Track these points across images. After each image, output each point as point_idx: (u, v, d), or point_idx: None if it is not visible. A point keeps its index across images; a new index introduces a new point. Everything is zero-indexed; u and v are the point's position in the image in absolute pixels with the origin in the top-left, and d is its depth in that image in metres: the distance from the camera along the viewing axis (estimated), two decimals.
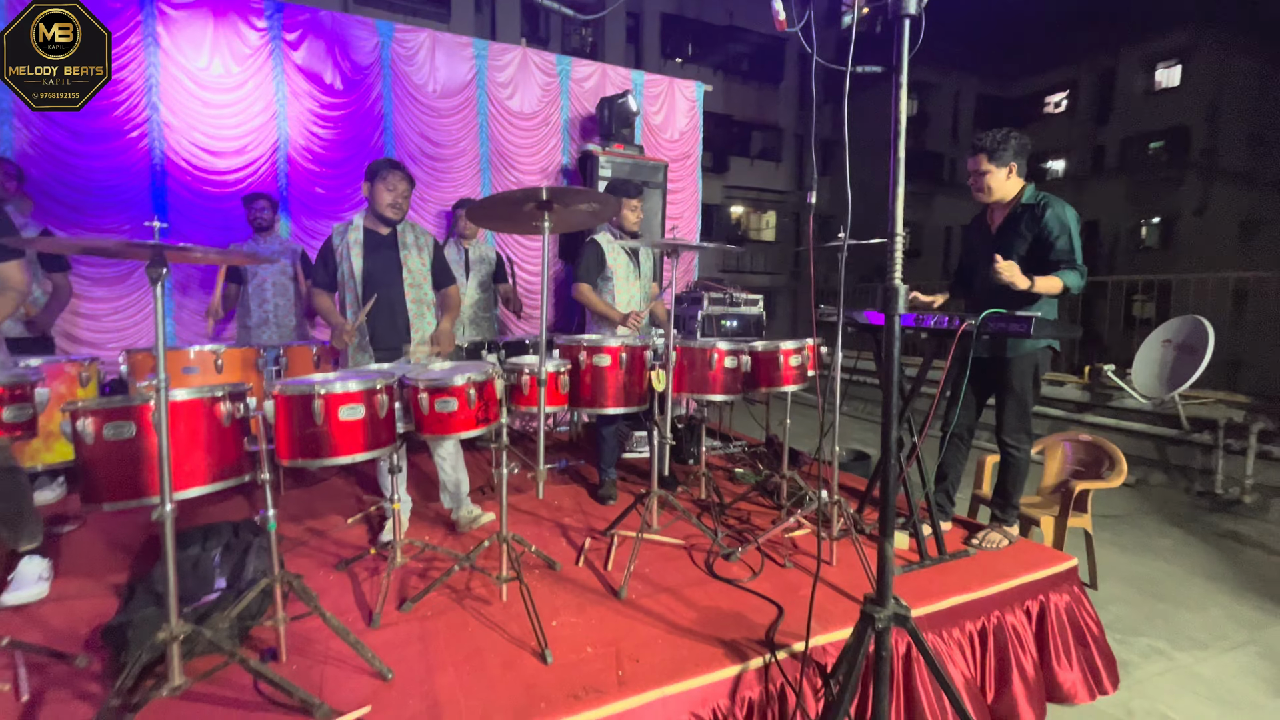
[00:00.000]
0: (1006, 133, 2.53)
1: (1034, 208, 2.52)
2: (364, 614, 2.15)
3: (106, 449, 1.56)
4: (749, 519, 3.08)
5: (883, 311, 1.61)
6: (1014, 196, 2.59)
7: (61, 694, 1.71)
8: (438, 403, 1.94)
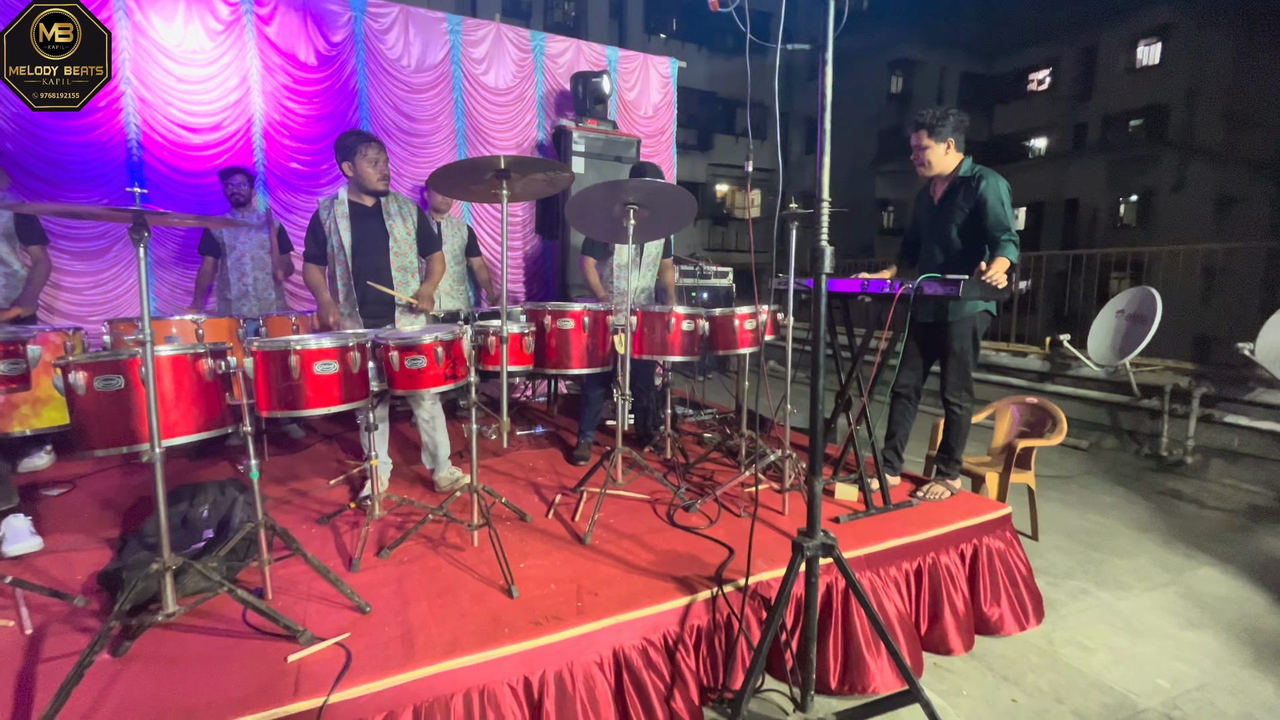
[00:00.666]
0: (945, 110, 2.69)
1: (970, 180, 2.70)
2: (344, 560, 2.31)
3: (97, 400, 1.68)
4: (712, 477, 3.26)
5: (810, 273, 1.76)
6: (953, 170, 2.76)
7: (62, 629, 1.86)
8: (407, 360, 2.08)
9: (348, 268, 2.82)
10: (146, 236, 1.56)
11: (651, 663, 1.93)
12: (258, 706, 1.50)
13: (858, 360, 2.84)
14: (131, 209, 1.50)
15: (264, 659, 1.70)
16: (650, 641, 1.95)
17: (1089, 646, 2.53)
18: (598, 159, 4.71)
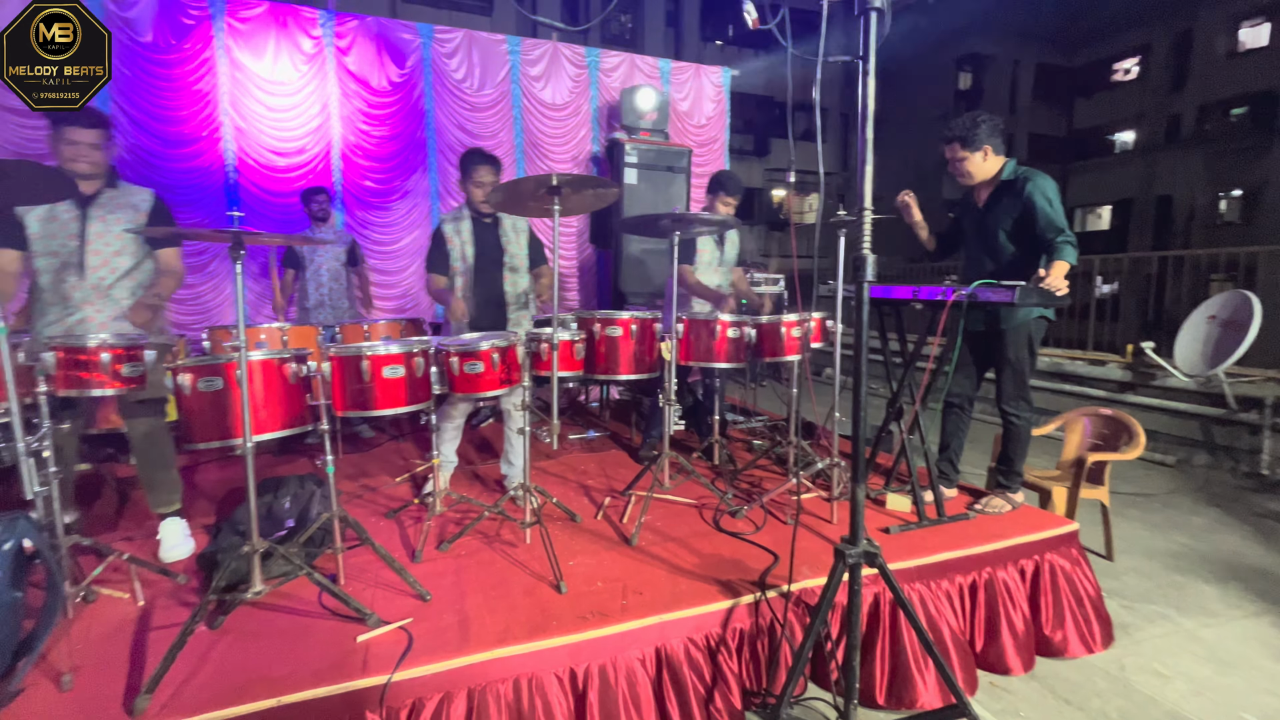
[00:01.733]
0: (974, 118, 2.64)
1: (1014, 183, 2.62)
2: (408, 552, 2.47)
3: (200, 399, 1.90)
4: (760, 484, 3.27)
5: (852, 280, 1.77)
6: (995, 174, 2.70)
7: (168, 602, 2.10)
8: (466, 365, 2.22)
9: (468, 279, 2.95)
10: (243, 254, 1.76)
11: (693, 662, 1.97)
12: (330, 680, 1.65)
13: (909, 367, 2.79)
14: (232, 230, 1.70)
15: (336, 638, 1.86)
16: (693, 642, 1.99)
17: (1165, 674, 2.38)
18: (650, 170, 4.81)
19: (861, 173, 1.74)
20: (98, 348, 1.92)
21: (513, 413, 2.99)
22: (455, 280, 2.98)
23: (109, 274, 2.37)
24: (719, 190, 3.42)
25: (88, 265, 2.33)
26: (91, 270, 2.33)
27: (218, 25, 4.30)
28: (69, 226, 2.31)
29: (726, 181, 3.42)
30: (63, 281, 2.32)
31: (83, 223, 2.32)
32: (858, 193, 1.75)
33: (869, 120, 1.72)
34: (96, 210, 2.35)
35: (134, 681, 1.67)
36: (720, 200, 3.41)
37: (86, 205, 2.34)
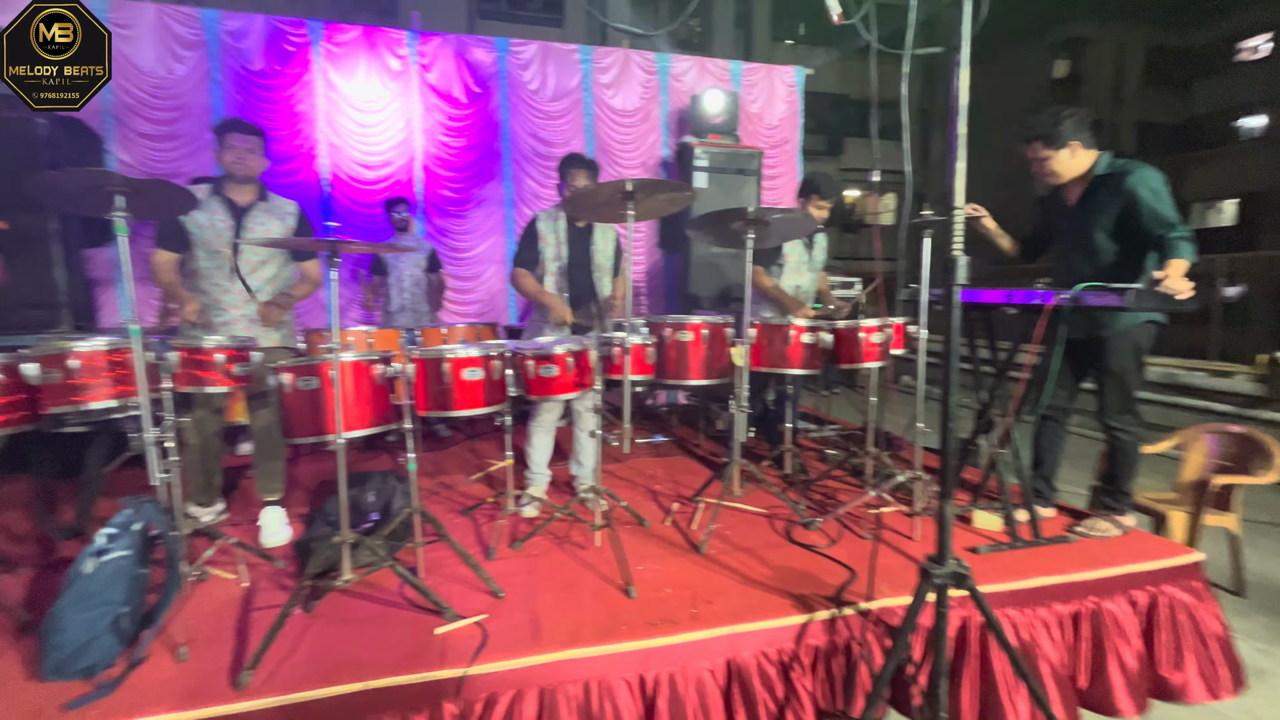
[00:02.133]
0: (1056, 114, 2.43)
1: (1111, 177, 2.39)
2: (482, 549, 2.55)
3: (299, 397, 2.04)
4: (834, 495, 3.15)
5: (941, 284, 1.67)
6: (1086, 170, 2.46)
7: (268, 585, 2.25)
8: (541, 368, 2.26)
9: (560, 275, 2.96)
10: (338, 262, 1.87)
11: (765, 677, 1.91)
12: (411, 668, 1.71)
13: (1001, 377, 2.60)
14: (329, 239, 1.82)
15: (416, 628, 1.94)
16: (765, 656, 1.94)
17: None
18: (720, 173, 4.76)
19: (952, 170, 1.64)
20: (213, 348, 2.10)
21: (584, 415, 3.02)
22: (544, 280, 2.98)
23: (254, 281, 2.62)
24: (812, 193, 3.31)
25: (240, 271, 2.58)
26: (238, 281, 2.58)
27: (315, 50, 4.64)
28: (224, 235, 2.56)
29: (821, 184, 3.31)
30: (216, 285, 2.57)
31: (236, 232, 2.56)
32: (948, 191, 1.65)
33: (961, 115, 1.62)
34: (249, 220, 2.59)
35: (239, 657, 1.80)
36: (813, 203, 3.31)
37: (241, 216, 2.58)
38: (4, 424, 1.86)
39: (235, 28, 4.51)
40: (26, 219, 3.77)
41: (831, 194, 3.33)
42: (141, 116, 4.40)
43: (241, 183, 2.60)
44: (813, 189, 3.34)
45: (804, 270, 3.35)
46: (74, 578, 1.77)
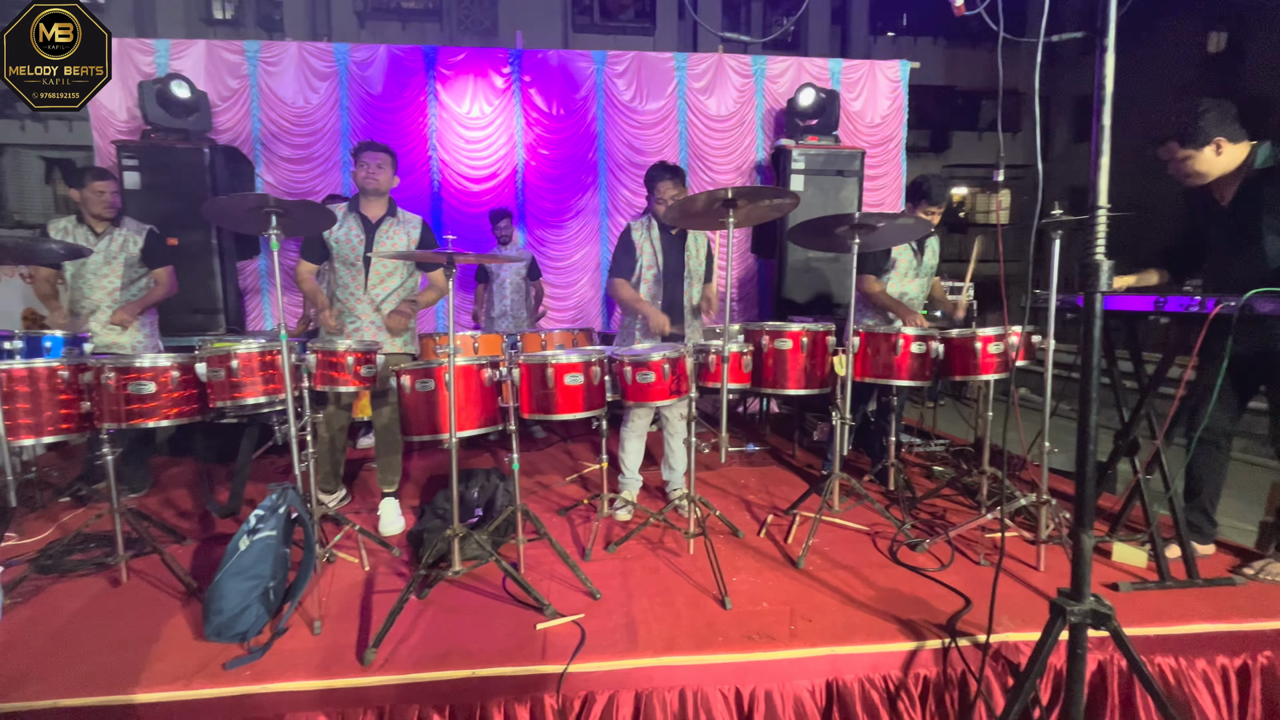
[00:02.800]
0: (1195, 108, 2.12)
1: (1275, 170, 2.05)
2: (578, 549, 2.61)
3: (416, 398, 2.19)
4: (944, 516, 2.95)
5: (1081, 291, 1.52)
6: (1238, 166, 2.13)
7: (385, 572, 2.43)
8: (639, 375, 2.29)
9: (655, 283, 2.95)
10: (454, 272, 2.00)
11: (869, 704, 1.82)
12: (516, 661, 1.79)
13: (1148, 394, 2.32)
14: (447, 252, 1.95)
15: (518, 622, 2.02)
16: (869, 681, 1.84)
17: None
18: (818, 175, 4.62)
19: (1096, 164, 1.49)
20: (345, 352, 2.31)
21: (676, 422, 3.02)
22: (642, 288, 3.00)
23: (382, 290, 2.86)
24: (920, 199, 3.09)
25: (369, 281, 2.83)
26: (370, 287, 2.83)
27: (429, 74, 5.00)
28: (358, 247, 2.82)
29: (930, 188, 3.08)
30: (350, 294, 2.83)
31: (368, 245, 2.82)
32: (1090, 187, 1.50)
33: (1107, 103, 1.47)
34: (379, 234, 2.84)
35: (363, 635, 1.96)
36: (922, 209, 3.10)
37: (372, 230, 2.84)
38: (181, 414, 2.15)
39: (361, 58, 4.96)
40: (193, 235, 4.34)
41: (941, 198, 3.10)
42: (283, 142, 4.93)
43: (373, 198, 2.84)
44: (921, 194, 3.12)
45: (912, 276, 3.14)
46: (232, 552, 2.00)
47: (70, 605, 2.14)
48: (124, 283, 3.22)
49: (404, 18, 17.01)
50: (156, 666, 1.79)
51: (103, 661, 1.80)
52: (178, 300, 4.33)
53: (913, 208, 3.15)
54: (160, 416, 2.10)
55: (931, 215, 3.09)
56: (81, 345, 2.87)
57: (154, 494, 3.34)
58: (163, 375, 2.08)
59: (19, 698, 1.65)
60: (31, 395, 2.04)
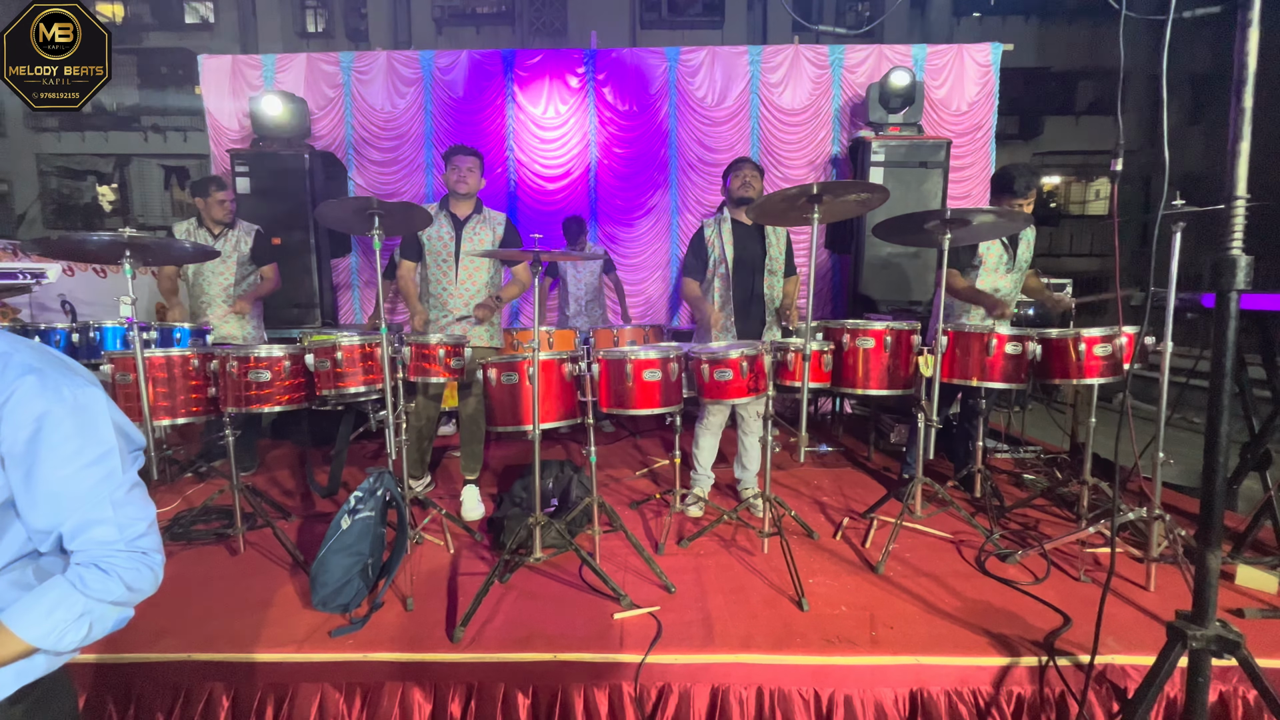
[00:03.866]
0: None
1: None
2: (651, 543, 2.64)
3: (501, 390, 2.28)
4: (1036, 527, 2.78)
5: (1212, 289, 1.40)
6: None
7: (468, 555, 2.55)
8: (716, 372, 2.29)
9: (728, 280, 2.91)
10: (540, 269, 2.07)
11: (957, 717, 1.75)
12: (595, 648, 1.84)
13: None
14: (533, 250, 2.02)
15: (596, 611, 2.07)
16: (957, 695, 1.77)
17: None
18: (899, 167, 4.44)
19: (1234, 151, 1.36)
20: (437, 345, 2.44)
21: (752, 420, 3.00)
22: (714, 283, 2.97)
23: (471, 285, 2.99)
24: (1003, 192, 2.90)
25: (459, 276, 2.97)
26: (460, 283, 2.98)
27: (507, 77, 5.17)
28: (450, 244, 2.98)
29: (1015, 178, 2.87)
30: (444, 289, 2.98)
31: (457, 242, 2.97)
32: (1226, 176, 1.37)
33: (1248, 84, 1.35)
34: (467, 230, 2.99)
35: (451, 614, 2.06)
36: (1007, 203, 2.91)
37: (460, 228, 2.99)
38: (291, 401, 2.34)
39: (445, 64, 5.19)
40: (294, 235, 4.68)
41: (1028, 190, 2.87)
42: (373, 146, 5.23)
43: (462, 198, 2.98)
44: (1005, 187, 2.90)
45: (1004, 271, 2.96)
46: (335, 530, 2.16)
47: (197, 570, 2.37)
48: (237, 279, 3.52)
49: (479, 22, 17.62)
50: (272, 630, 1.96)
51: (226, 623, 1.99)
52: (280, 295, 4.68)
53: (998, 201, 2.96)
54: (275, 402, 2.29)
55: (1020, 207, 2.89)
56: (205, 337, 3.17)
57: (260, 474, 3.65)
58: (277, 365, 2.27)
59: (159, 649, 1.85)
60: (168, 380, 2.28)
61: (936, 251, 3.60)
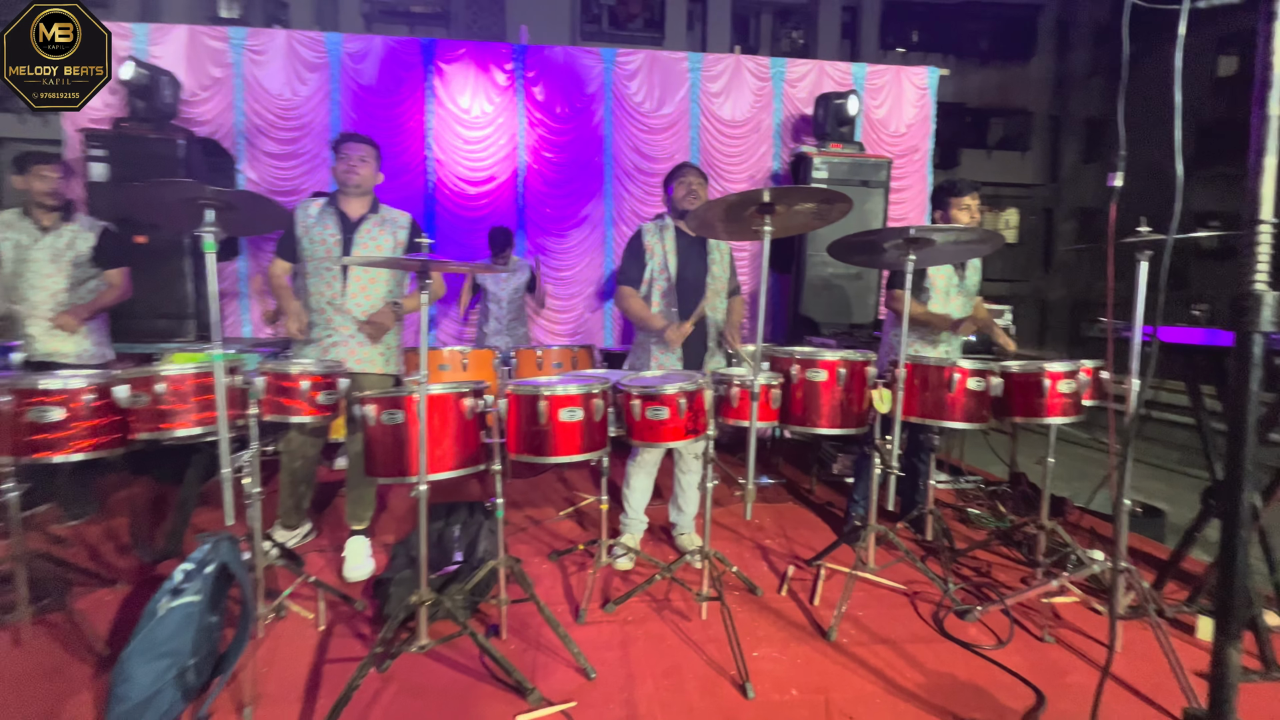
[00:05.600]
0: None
1: None
2: (571, 607, 2.24)
3: (383, 432, 1.83)
4: (988, 572, 2.58)
5: (1233, 328, 1.17)
6: None
7: (343, 631, 2.07)
8: (649, 410, 1.94)
9: (670, 295, 2.58)
10: (428, 283, 1.65)
11: None
12: None
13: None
14: (420, 259, 1.60)
15: (497, 709, 1.66)
16: None
17: None
18: (841, 185, 4.28)
19: (1256, 166, 1.15)
20: (299, 376, 1.95)
21: (690, 460, 2.66)
22: (653, 296, 2.62)
23: (365, 299, 2.48)
24: (949, 196, 2.73)
25: (348, 289, 2.46)
26: (350, 296, 2.47)
27: (428, 68, 4.69)
28: (334, 250, 2.46)
29: (955, 182, 2.75)
30: (327, 304, 2.46)
31: (346, 247, 2.45)
32: (1249, 196, 1.16)
33: (1275, 89, 1.14)
34: (359, 234, 2.49)
35: None
36: (955, 206, 2.74)
37: (351, 231, 2.48)
38: (98, 447, 1.79)
39: (355, 49, 4.64)
40: (163, 233, 3.99)
41: (970, 186, 2.74)
42: (268, 137, 4.60)
43: (354, 195, 2.51)
44: (947, 191, 2.76)
45: (954, 295, 2.79)
46: (148, 618, 1.64)
47: None
48: (71, 284, 2.87)
49: (410, 21, 16.83)
50: None
51: None
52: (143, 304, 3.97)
53: (944, 213, 2.79)
54: (70, 449, 1.73)
55: (965, 211, 2.74)
56: (8, 354, 2.52)
57: (100, 519, 2.98)
58: (74, 400, 1.72)
59: None
60: None
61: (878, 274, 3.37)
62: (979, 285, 2.89)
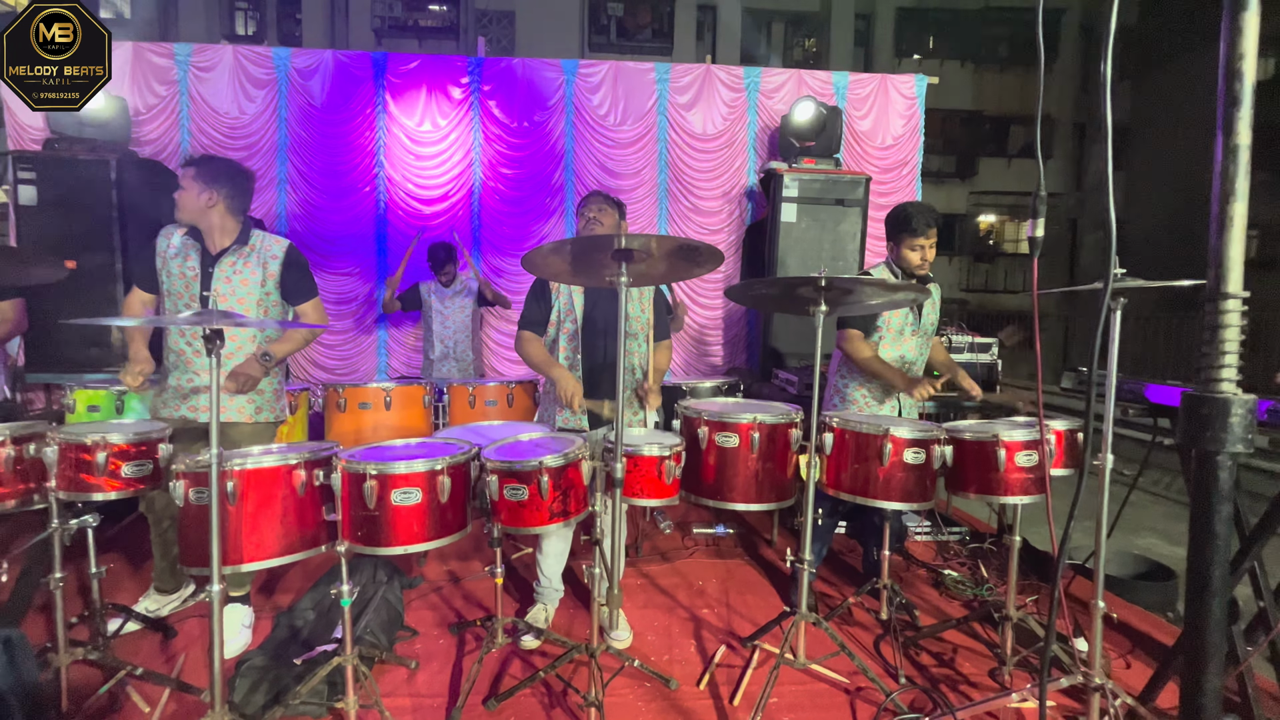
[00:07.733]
0: None
1: None
2: (450, 700, 1.94)
3: (196, 513, 1.55)
4: (952, 660, 2.21)
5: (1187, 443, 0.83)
6: None
7: None
8: (507, 489, 1.63)
9: (575, 341, 2.32)
10: (220, 345, 1.37)
11: None
12: None
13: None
14: (206, 313, 1.32)
15: None
16: None
17: None
18: (814, 204, 3.95)
19: (1221, 218, 0.81)
20: (95, 446, 1.67)
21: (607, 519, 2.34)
22: (558, 342, 2.35)
23: (232, 345, 2.21)
24: (903, 231, 2.38)
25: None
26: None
27: (379, 83, 4.48)
28: (192, 287, 2.20)
29: (912, 216, 2.37)
30: (186, 344, 2.21)
31: (203, 281, 2.19)
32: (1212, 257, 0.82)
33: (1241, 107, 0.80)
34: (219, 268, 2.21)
35: None
36: (906, 245, 2.38)
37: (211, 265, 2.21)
38: None
39: (304, 65, 4.46)
40: (94, 258, 3.82)
41: (927, 226, 2.37)
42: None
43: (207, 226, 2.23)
44: (902, 226, 2.40)
45: (909, 336, 2.43)
46: None
47: None
48: None
49: (421, 35, 16.91)
50: None
51: None
52: (73, 332, 3.82)
53: (894, 246, 2.43)
54: None
55: (920, 250, 2.37)
56: None
57: None
58: None
59: None
60: None
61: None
62: (936, 325, 2.51)
